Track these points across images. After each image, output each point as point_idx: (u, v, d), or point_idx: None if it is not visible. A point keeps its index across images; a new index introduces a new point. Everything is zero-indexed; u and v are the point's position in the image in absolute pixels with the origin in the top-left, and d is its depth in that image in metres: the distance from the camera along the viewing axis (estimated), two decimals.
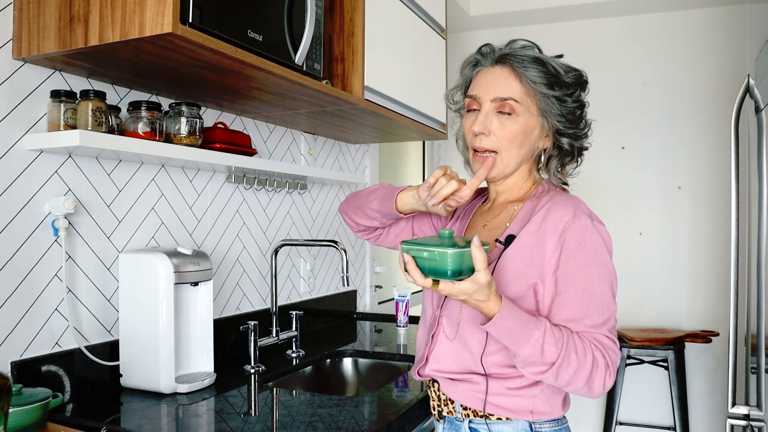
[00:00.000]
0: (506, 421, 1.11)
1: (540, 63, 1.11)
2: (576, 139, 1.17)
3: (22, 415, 1.10)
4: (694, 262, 3.22)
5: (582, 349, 1.01)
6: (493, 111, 1.12)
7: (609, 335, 1.04)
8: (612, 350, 1.03)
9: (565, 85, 1.12)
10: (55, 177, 1.38)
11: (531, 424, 1.10)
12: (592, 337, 1.03)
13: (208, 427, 1.26)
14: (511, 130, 1.12)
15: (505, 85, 1.12)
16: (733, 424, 1.82)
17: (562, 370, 1.00)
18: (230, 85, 1.52)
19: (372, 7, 1.83)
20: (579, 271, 1.05)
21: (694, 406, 3.17)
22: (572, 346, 1.00)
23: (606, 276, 1.06)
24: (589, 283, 1.04)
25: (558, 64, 1.13)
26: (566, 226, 1.06)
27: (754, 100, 1.86)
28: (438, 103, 2.36)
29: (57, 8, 1.22)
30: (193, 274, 1.48)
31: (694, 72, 3.22)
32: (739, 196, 1.87)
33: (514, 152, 1.13)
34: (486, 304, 0.99)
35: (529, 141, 1.14)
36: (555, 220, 1.07)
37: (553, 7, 3.21)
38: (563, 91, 1.12)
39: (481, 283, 0.96)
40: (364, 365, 2.01)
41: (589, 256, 1.05)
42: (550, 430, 1.12)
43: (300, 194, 2.29)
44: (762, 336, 1.79)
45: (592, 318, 1.03)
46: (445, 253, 0.94)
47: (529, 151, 1.16)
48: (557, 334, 1.01)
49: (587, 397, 1.04)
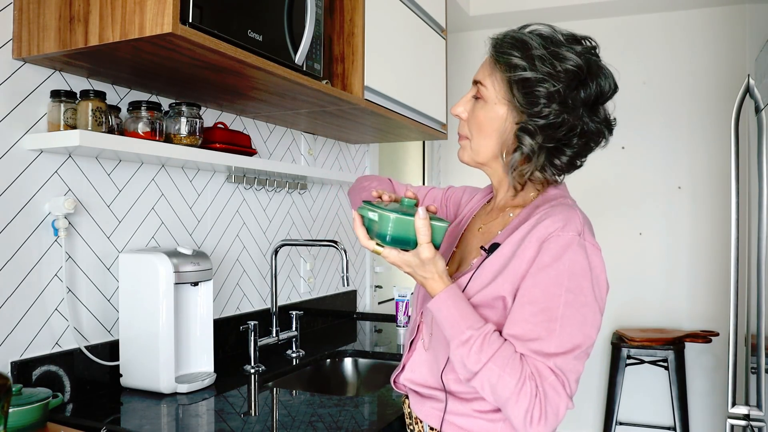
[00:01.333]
0: None
1: (521, 44, 0.98)
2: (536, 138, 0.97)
3: (22, 415, 1.10)
4: (694, 262, 3.22)
5: (516, 373, 0.88)
6: (472, 95, 1.06)
7: (557, 371, 0.89)
8: (552, 388, 0.88)
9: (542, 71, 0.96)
10: (55, 177, 1.38)
11: None
12: (534, 366, 0.89)
13: (208, 427, 1.26)
14: (478, 116, 1.04)
15: (482, 70, 1.04)
16: (733, 424, 1.82)
17: (484, 384, 0.90)
18: (230, 85, 1.52)
19: (372, 7, 1.83)
20: (544, 289, 0.91)
21: (694, 406, 3.17)
22: (504, 366, 0.89)
23: (576, 303, 0.91)
24: (552, 304, 0.90)
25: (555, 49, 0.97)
26: (548, 237, 0.93)
27: (754, 100, 1.86)
28: (438, 103, 2.36)
29: (57, 8, 1.22)
30: (193, 274, 1.48)
31: (694, 72, 3.22)
32: (739, 196, 1.87)
33: (481, 141, 1.05)
34: (431, 284, 0.96)
35: (494, 130, 1.02)
36: (541, 230, 0.94)
37: (553, 7, 3.21)
38: (534, 74, 0.96)
39: (423, 257, 0.93)
40: (364, 365, 2.01)
41: (562, 276, 0.91)
42: None
43: (300, 194, 2.29)
44: (762, 336, 1.79)
45: (543, 344, 0.89)
46: (388, 217, 0.93)
47: (498, 142, 1.03)
48: (495, 344, 0.90)
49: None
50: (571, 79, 0.96)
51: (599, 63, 1.01)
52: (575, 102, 0.97)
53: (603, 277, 0.95)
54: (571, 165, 1.03)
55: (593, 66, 0.99)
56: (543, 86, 0.95)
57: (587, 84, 0.98)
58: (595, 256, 0.94)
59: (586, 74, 0.97)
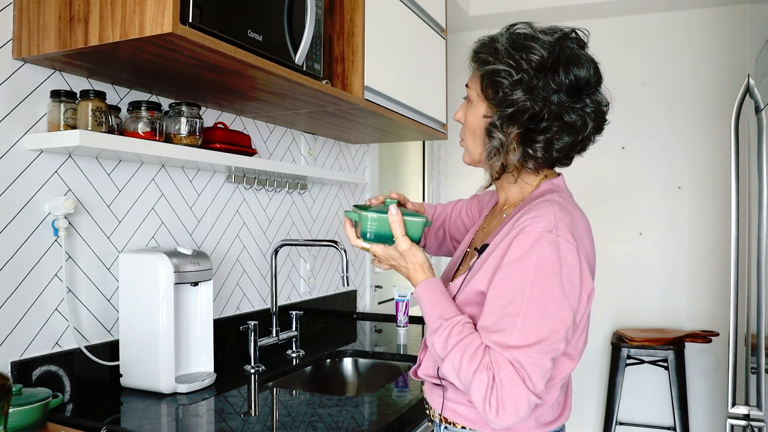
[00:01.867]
0: (469, 431, 1.05)
1: (490, 41, 1.03)
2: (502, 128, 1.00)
3: (22, 415, 1.10)
4: (694, 262, 3.22)
5: (474, 363, 0.92)
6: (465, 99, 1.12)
7: (515, 363, 0.90)
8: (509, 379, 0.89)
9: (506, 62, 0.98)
10: (55, 177, 1.38)
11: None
12: (494, 357, 0.91)
13: (208, 427, 1.26)
14: (468, 119, 1.10)
15: (471, 74, 1.10)
16: (733, 424, 1.82)
17: (450, 370, 0.95)
18: (230, 85, 1.52)
19: (372, 7, 1.83)
20: (511, 284, 0.93)
21: (694, 406, 3.17)
22: (464, 354, 0.93)
23: (542, 299, 0.91)
24: (517, 299, 0.92)
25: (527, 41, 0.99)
26: (519, 232, 0.95)
27: (754, 100, 1.86)
28: (438, 103, 2.37)
29: (57, 8, 1.22)
30: (193, 274, 1.48)
31: (694, 72, 3.22)
32: (739, 196, 1.87)
33: (471, 140, 1.10)
34: (413, 275, 1.06)
35: (481, 128, 1.06)
36: (515, 227, 0.96)
37: (553, 7, 3.22)
38: (498, 65, 0.99)
39: (400, 249, 1.05)
40: (364, 365, 2.01)
41: (528, 271, 0.92)
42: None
43: (300, 194, 2.29)
44: (762, 336, 1.79)
45: (505, 337, 0.91)
46: (366, 216, 1.07)
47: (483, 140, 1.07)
48: (461, 334, 0.95)
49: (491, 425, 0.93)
50: (536, 68, 0.97)
51: (575, 51, 1.01)
52: (546, 89, 0.97)
53: (576, 272, 0.93)
54: (546, 153, 1.02)
55: (564, 54, 0.99)
56: (506, 75, 0.98)
57: (556, 71, 0.98)
58: (568, 252, 0.93)
59: (552, 62, 0.97)
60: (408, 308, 2.34)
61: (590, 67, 1.01)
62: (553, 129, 0.99)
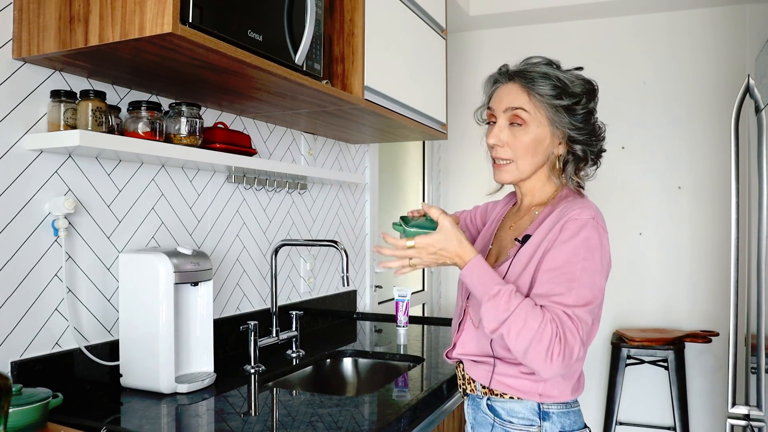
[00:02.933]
0: (517, 400, 1.20)
1: (547, 76, 1.21)
2: (588, 145, 1.24)
3: (22, 415, 1.10)
4: (694, 262, 3.22)
5: (539, 317, 1.06)
6: (506, 123, 1.23)
7: (574, 317, 1.08)
8: (570, 331, 1.06)
9: (572, 95, 1.20)
10: (55, 177, 1.38)
11: (539, 405, 1.19)
12: (554, 312, 1.08)
13: (208, 427, 1.26)
14: (523, 140, 1.22)
15: (515, 98, 1.22)
16: (733, 424, 1.82)
17: (511, 330, 1.07)
18: (230, 85, 1.52)
19: (372, 7, 1.83)
20: (565, 258, 1.11)
21: (694, 406, 3.17)
22: (528, 311, 1.07)
23: (590, 269, 1.11)
24: (571, 269, 1.11)
25: (566, 75, 1.22)
26: (568, 220, 1.14)
27: (754, 100, 1.86)
28: (438, 103, 2.37)
29: (57, 8, 1.22)
30: (193, 274, 1.48)
31: (694, 72, 3.22)
32: (739, 196, 1.87)
33: (528, 160, 1.23)
34: (461, 253, 1.16)
35: (542, 149, 1.23)
36: (563, 218, 1.16)
37: (553, 7, 3.21)
38: (570, 101, 1.20)
39: (446, 227, 1.16)
40: (364, 365, 2.01)
41: (579, 248, 1.12)
42: (558, 411, 1.19)
43: (300, 194, 2.29)
44: (762, 336, 1.79)
45: (563, 298, 1.09)
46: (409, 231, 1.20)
47: (544, 158, 1.24)
48: (519, 297, 1.10)
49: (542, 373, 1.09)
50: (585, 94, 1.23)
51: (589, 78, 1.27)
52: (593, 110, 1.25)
53: (608, 254, 1.17)
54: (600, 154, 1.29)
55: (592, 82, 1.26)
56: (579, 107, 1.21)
57: (593, 97, 1.25)
58: (604, 237, 1.16)
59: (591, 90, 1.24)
60: (408, 308, 2.34)
61: None
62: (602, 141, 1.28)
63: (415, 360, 1.92)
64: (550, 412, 1.19)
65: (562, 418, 1.19)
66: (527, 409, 1.20)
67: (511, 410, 1.21)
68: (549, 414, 1.19)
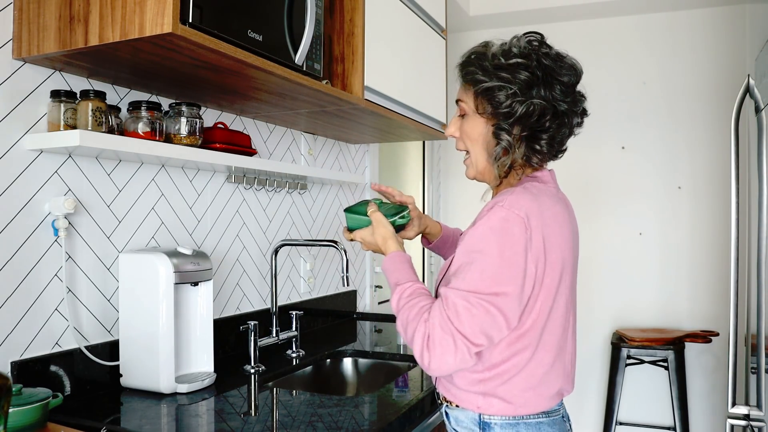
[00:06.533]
0: (460, 409, 1.17)
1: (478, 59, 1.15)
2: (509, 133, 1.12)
3: (22, 415, 1.10)
4: (694, 262, 3.22)
5: (414, 321, 1.06)
6: (457, 114, 1.23)
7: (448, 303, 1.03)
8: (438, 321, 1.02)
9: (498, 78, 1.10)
10: (55, 177, 1.38)
11: (480, 415, 1.13)
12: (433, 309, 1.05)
13: (208, 427, 1.26)
14: (466, 130, 1.20)
15: (460, 90, 1.22)
16: (733, 424, 1.82)
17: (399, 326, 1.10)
18: (230, 85, 1.52)
19: (372, 7, 1.83)
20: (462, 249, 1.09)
21: (694, 406, 3.17)
22: (407, 313, 1.08)
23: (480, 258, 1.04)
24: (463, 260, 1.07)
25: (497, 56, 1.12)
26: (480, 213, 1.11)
27: (754, 100, 1.86)
28: (438, 103, 2.36)
29: (57, 8, 1.22)
30: (193, 274, 1.48)
31: (694, 72, 3.22)
32: (739, 196, 1.87)
33: (477, 150, 1.19)
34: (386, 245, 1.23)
35: (480, 135, 1.17)
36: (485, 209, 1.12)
37: (553, 7, 3.21)
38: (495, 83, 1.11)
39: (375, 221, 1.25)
40: (364, 365, 2.01)
41: (475, 238, 1.07)
42: (503, 422, 1.11)
43: (300, 194, 2.29)
44: (762, 336, 1.79)
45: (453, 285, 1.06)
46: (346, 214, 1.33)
47: (486, 147, 1.18)
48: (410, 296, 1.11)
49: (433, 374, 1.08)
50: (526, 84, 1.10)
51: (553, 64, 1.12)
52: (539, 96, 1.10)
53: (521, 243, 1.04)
54: (551, 147, 1.15)
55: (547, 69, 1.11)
56: (501, 92, 1.10)
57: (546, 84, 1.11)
58: (514, 223, 1.04)
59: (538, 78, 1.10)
60: None
61: (573, 71, 1.14)
62: (555, 125, 1.13)
63: (415, 360, 1.92)
64: (492, 423, 1.12)
65: (507, 430, 1.11)
66: (468, 418, 1.15)
67: (456, 418, 1.18)
68: (490, 425, 1.12)
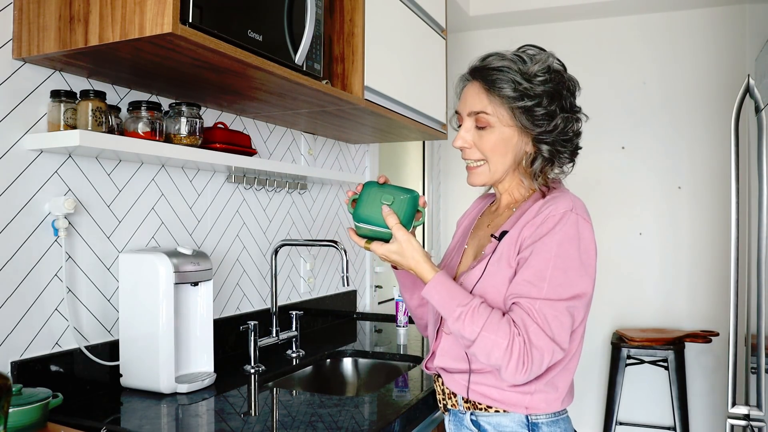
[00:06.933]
0: (503, 413, 1.15)
1: (506, 75, 1.14)
2: (554, 145, 1.17)
3: (22, 415, 1.10)
4: (694, 262, 3.22)
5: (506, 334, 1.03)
6: (472, 125, 1.19)
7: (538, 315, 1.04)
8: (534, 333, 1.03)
9: (532, 96, 1.13)
10: (55, 177, 1.38)
11: (528, 416, 1.14)
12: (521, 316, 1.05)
13: (208, 427, 1.26)
14: (489, 141, 1.18)
15: (477, 100, 1.18)
16: (733, 424, 1.82)
17: (481, 350, 1.05)
18: (230, 85, 1.52)
19: (372, 7, 1.83)
20: (537, 255, 1.08)
21: (694, 406, 3.17)
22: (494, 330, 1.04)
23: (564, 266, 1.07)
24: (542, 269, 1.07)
25: (530, 70, 1.14)
26: (547, 214, 1.10)
27: (754, 100, 1.86)
28: (438, 103, 2.36)
29: (57, 8, 1.22)
30: (193, 274, 1.48)
31: (694, 72, 3.22)
32: (739, 196, 1.87)
33: (498, 159, 1.19)
34: (420, 269, 1.13)
35: (510, 147, 1.18)
36: (540, 214, 1.12)
37: (553, 7, 3.21)
38: (531, 102, 1.13)
39: (400, 238, 1.13)
40: (364, 365, 2.01)
41: (552, 245, 1.07)
42: (548, 421, 1.14)
43: (300, 194, 2.29)
44: (762, 336, 1.79)
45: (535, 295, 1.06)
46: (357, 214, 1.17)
47: (516, 157, 1.19)
48: (483, 314, 1.06)
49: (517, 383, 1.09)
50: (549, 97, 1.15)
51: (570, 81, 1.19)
52: (564, 107, 1.17)
53: (592, 246, 1.11)
54: (573, 156, 1.21)
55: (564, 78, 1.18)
56: (539, 109, 1.14)
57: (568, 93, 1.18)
58: (584, 228, 1.11)
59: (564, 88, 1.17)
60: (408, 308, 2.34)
61: (573, 79, 1.20)
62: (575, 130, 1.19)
63: (415, 360, 1.92)
64: (539, 423, 1.14)
65: (552, 428, 1.14)
66: (515, 422, 1.14)
67: (498, 424, 1.15)
68: (538, 425, 1.14)
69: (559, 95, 1.15)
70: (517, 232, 1.14)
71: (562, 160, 1.20)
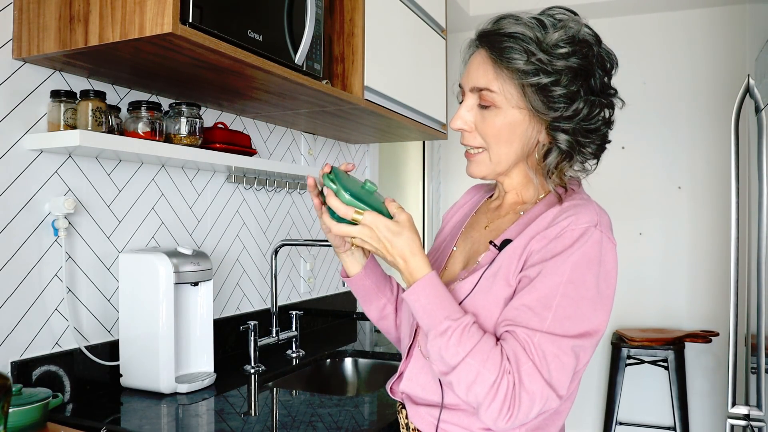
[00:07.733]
0: None
1: (519, 43, 0.91)
2: (574, 135, 0.93)
3: (22, 415, 1.10)
4: (694, 262, 3.22)
5: (495, 368, 0.83)
6: (475, 103, 0.98)
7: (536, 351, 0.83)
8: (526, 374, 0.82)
9: (552, 71, 0.90)
10: (55, 177, 1.38)
11: None
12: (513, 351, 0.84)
13: (208, 427, 1.26)
14: (494, 124, 0.95)
15: (481, 72, 0.95)
16: (733, 424, 1.82)
17: (461, 380, 0.85)
18: (230, 85, 1.52)
19: (372, 7, 1.83)
20: (545, 277, 0.86)
21: (694, 406, 3.17)
22: (484, 359, 0.83)
23: (577, 295, 0.86)
24: (549, 294, 0.86)
25: (551, 39, 0.91)
26: (566, 227, 0.89)
27: (754, 100, 1.86)
28: (438, 103, 2.36)
29: (57, 8, 1.22)
30: (193, 274, 1.48)
31: (694, 72, 3.22)
32: (739, 196, 1.87)
33: (502, 148, 0.96)
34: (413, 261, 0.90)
35: (518, 134, 0.95)
36: (561, 224, 0.90)
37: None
38: (548, 79, 0.90)
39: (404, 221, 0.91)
40: (364, 365, 2.01)
41: (566, 266, 0.86)
42: None
43: (300, 194, 2.29)
44: (762, 336, 1.79)
45: (534, 327, 0.85)
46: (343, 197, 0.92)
47: (524, 146, 0.97)
48: (474, 336, 0.85)
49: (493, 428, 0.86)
50: (571, 74, 0.91)
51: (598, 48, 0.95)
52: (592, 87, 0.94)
53: (614, 273, 0.89)
54: (599, 150, 0.99)
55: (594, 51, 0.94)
56: (557, 88, 0.91)
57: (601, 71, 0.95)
58: (608, 249, 0.89)
59: (595, 64, 0.93)
60: None
61: (612, 55, 0.97)
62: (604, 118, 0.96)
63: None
64: None
65: None
66: None
67: None
68: None
69: (585, 73, 0.92)
70: (524, 243, 0.92)
71: (585, 155, 0.97)
